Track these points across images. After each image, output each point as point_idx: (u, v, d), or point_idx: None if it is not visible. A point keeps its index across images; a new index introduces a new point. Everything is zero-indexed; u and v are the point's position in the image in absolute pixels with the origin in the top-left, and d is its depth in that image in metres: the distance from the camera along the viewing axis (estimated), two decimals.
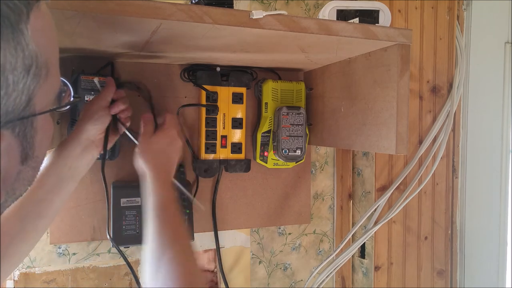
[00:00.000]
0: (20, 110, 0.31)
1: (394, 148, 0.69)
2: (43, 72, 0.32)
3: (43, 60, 0.32)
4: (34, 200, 0.61)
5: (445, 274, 1.12)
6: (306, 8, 1.05)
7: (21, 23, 0.29)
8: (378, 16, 0.74)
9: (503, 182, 1.22)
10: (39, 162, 0.37)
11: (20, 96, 0.30)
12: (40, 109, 0.33)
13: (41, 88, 0.32)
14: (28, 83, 0.31)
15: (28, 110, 0.32)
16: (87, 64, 0.79)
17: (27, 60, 0.30)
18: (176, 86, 0.90)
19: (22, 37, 0.29)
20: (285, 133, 0.89)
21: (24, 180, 0.35)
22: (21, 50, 0.29)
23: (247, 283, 1.03)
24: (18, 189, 0.35)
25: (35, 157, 0.35)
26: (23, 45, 0.30)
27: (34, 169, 0.36)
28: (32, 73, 0.31)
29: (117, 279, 0.90)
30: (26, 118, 0.32)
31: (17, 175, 0.33)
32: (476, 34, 1.15)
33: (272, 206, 1.02)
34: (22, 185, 0.35)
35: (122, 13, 0.51)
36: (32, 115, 0.32)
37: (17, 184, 0.34)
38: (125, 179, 0.88)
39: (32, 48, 0.30)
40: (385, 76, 0.71)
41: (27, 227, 0.60)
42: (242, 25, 0.57)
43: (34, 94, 0.32)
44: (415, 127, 1.05)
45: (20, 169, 0.33)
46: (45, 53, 0.32)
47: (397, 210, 1.01)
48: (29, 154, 0.34)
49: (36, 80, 0.31)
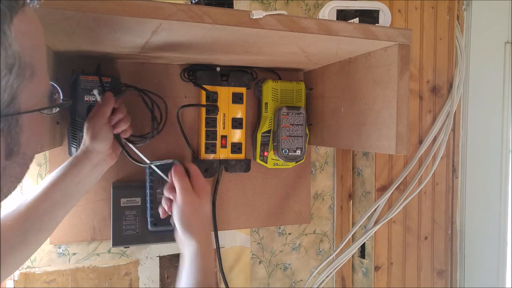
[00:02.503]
0: (3, 107, 0.32)
1: (394, 148, 0.69)
2: (27, 72, 0.33)
3: (27, 61, 0.33)
4: (39, 214, 0.61)
5: (445, 274, 1.12)
6: (306, 8, 1.05)
7: (4, 24, 0.30)
8: (378, 16, 0.74)
9: (503, 182, 1.22)
10: (27, 159, 0.38)
11: (2, 93, 0.31)
12: (26, 108, 0.34)
13: (26, 88, 0.33)
14: (11, 82, 0.32)
15: (12, 107, 0.33)
16: (87, 64, 0.79)
17: (9, 59, 0.31)
18: (176, 86, 0.90)
19: (4, 37, 0.31)
20: (285, 133, 0.89)
21: (11, 176, 0.36)
22: (4, 49, 0.31)
23: (247, 283, 1.03)
24: (5, 186, 0.36)
25: (21, 153, 0.36)
26: (6, 45, 0.31)
27: (22, 165, 0.37)
28: (15, 72, 0.32)
29: (117, 279, 0.90)
30: (10, 115, 0.33)
31: (3, 170, 0.34)
32: (476, 34, 1.15)
33: (272, 206, 1.02)
34: (10, 182, 0.36)
35: (122, 13, 0.51)
36: (16, 113, 0.33)
37: (4, 180, 0.35)
38: (125, 179, 0.88)
39: (15, 49, 0.32)
40: (385, 76, 0.71)
41: (28, 239, 0.61)
42: (242, 25, 0.57)
43: (18, 93, 0.33)
44: (415, 127, 1.05)
45: (5, 164, 0.34)
46: (30, 55, 0.33)
47: (397, 210, 1.01)
48: (14, 150, 0.35)
49: (19, 80, 0.33)
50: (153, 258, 0.94)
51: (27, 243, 0.61)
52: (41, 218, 0.62)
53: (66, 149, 0.81)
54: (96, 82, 0.76)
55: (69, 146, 0.80)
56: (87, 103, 0.75)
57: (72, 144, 0.78)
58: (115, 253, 0.90)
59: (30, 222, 0.60)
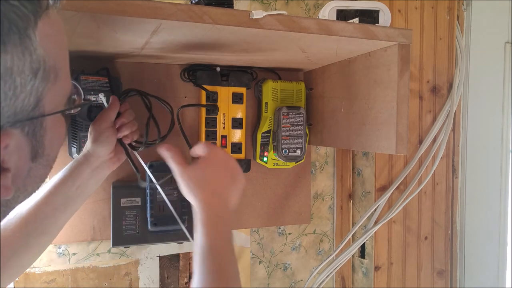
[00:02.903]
0: (28, 111, 0.32)
1: (394, 148, 0.69)
2: (52, 75, 0.34)
3: (51, 64, 0.33)
4: (40, 218, 0.61)
5: (445, 274, 1.12)
6: (306, 8, 1.05)
7: (28, 29, 0.31)
8: (378, 16, 0.74)
9: (503, 182, 1.22)
10: (51, 161, 0.38)
11: (28, 97, 0.32)
12: (49, 110, 0.34)
13: (50, 91, 0.34)
14: (36, 86, 0.32)
15: (37, 110, 0.33)
16: (87, 64, 0.79)
17: (34, 64, 0.32)
18: (176, 86, 0.90)
19: (30, 42, 0.31)
20: (285, 133, 0.89)
21: (35, 177, 0.37)
22: (29, 54, 0.31)
23: (247, 283, 1.03)
24: (30, 186, 0.37)
25: (45, 155, 0.36)
26: (31, 50, 0.31)
27: (46, 167, 0.38)
28: (40, 76, 0.32)
29: (117, 279, 0.90)
30: (35, 118, 0.33)
31: (28, 172, 0.35)
32: (476, 34, 1.15)
33: (272, 206, 1.02)
34: (34, 182, 0.37)
35: (122, 13, 0.51)
36: (41, 115, 0.34)
37: (29, 181, 0.36)
38: (125, 179, 0.88)
39: (39, 53, 0.32)
40: (385, 76, 0.71)
41: (30, 243, 0.60)
42: (242, 25, 0.57)
43: (43, 96, 0.33)
44: (415, 127, 1.05)
45: (30, 166, 0.35)
46: (53, 58, 0.34)
47: (397, 210, 1.01)
48: (39, 152, 0.35)
49: (44, 83, 0.33)
50: (153, 258, 0.94)
51: (30, 246, 0.60)
52: (42, 222, 0.61)
53: (66, 149, 0.81)
54: (96, 82, 0.75)
55: (69, 146, 0.80)
56: None
57: (72, 144, 0.78)
58: (115, 253, 0.90)
59: (32, 226, 0.60)
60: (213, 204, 0.57)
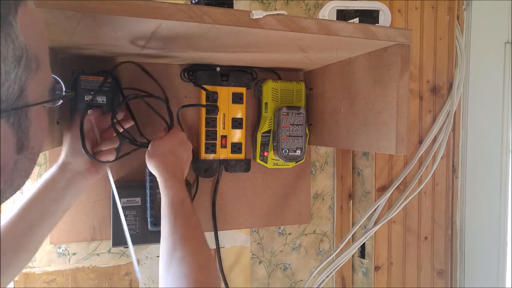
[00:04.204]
0: (13, 100, 0.32)
1: (394, 148, 0.69)
2: (33, 64, 0.33)
3: (32, 53, 0.33)
4: (15, 235, 0.59)
5: (445, 274, 1.12)
6: (306, 8, 1.05)
7: (9, 16, 0.30)
8: (378, 16, 0.74)
9: (503, 182, 1.22)
10: (35, 154, 0.38)
11: (13, 86, 0.31)
12: (32, 101, 0.34)
13: (32, 80, 0.33)
14: (20, 74, 0.32)
15: (22, 100, 0.33)
16: (87, 64, 0.79)
17: (17, 51, 0.31)
18: (176, 86, 0.90)
19: (11, 29, 0.30)
20: (285, 133, 0.89)
21: (21, 171, 0.36)
22: (11, 41, 0.30)
23: (247, 283, 1.03)
24: (16, 180, 0.36)
25: (30, 147, 0.36)
26: (13, 36, 0.30)
27: (30, 160, 0.37)
28: (23, 64, 0.32)
29: (117, 279, 0.90)
30: (20, 108, 0.33)
31: (14, 164, 0.34)
32: (476, 34, 1.15)
33: (272, 206, 1.02)
34: (20, 176, 0.36)
35: (122, 13, 0.51)
36: (25, 105, 0.33)
37: (15, 175, 0.35)
38: (125, 179, 0.88)
39: (21, 40, 0.31)
40: (385, 76, 0.71)
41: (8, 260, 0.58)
42: (242, 25, 0.57)
43: (26, 86, 0.33)
44: (415, 127, 1.05)
45: (16, 159, 0.34)
46: (35, 47, 0.33)
47: (397, 210, 1.01)
48: (25, 144, 0.35)
49: (27, 72, 0.32)
50: (153, 258, 0.94)
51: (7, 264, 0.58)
52: (19, 239, 0.59)
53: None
54: (96, 82, 0.75)
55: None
56: (87, 103, 0.75)
57: None
58: (115, 253, 0.90)
59: (6, 244, 0.57)
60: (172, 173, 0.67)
